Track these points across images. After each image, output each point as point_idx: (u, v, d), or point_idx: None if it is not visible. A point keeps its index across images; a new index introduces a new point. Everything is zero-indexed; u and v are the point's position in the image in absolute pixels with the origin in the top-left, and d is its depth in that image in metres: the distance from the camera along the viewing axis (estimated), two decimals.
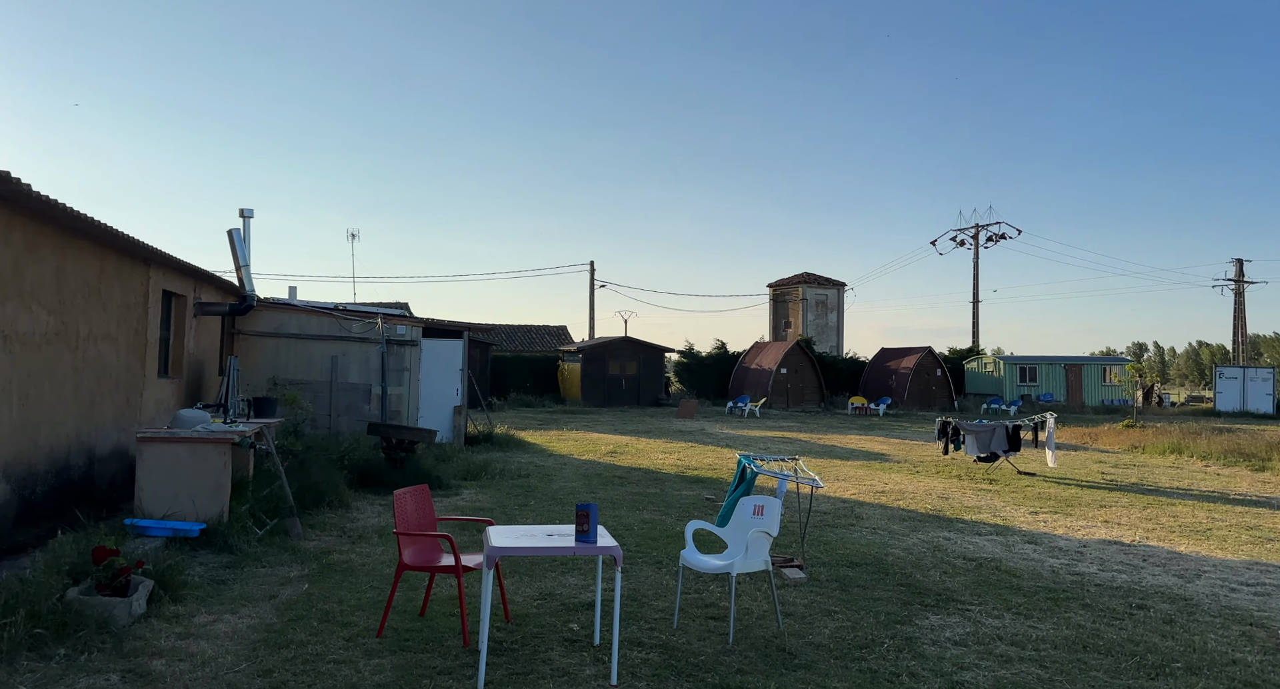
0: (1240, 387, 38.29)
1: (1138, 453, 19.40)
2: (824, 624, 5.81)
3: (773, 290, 51.41)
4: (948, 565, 7.70)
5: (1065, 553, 8.42)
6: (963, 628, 5.76)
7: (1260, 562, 8.18)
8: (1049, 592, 6.78)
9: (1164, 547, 8.86)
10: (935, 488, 13.06)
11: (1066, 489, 13.17)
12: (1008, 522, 10.21)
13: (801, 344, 38.09)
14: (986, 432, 15.62)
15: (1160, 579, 7.35)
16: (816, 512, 10.17)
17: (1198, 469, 16.43)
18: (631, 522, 9.60)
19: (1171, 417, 33.60)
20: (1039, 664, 5.05)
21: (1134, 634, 5.66)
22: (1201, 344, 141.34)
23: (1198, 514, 10.96)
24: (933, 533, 9.32)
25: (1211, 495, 12.74)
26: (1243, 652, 5.34)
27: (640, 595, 6.44)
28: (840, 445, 20.15)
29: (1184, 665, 5.04)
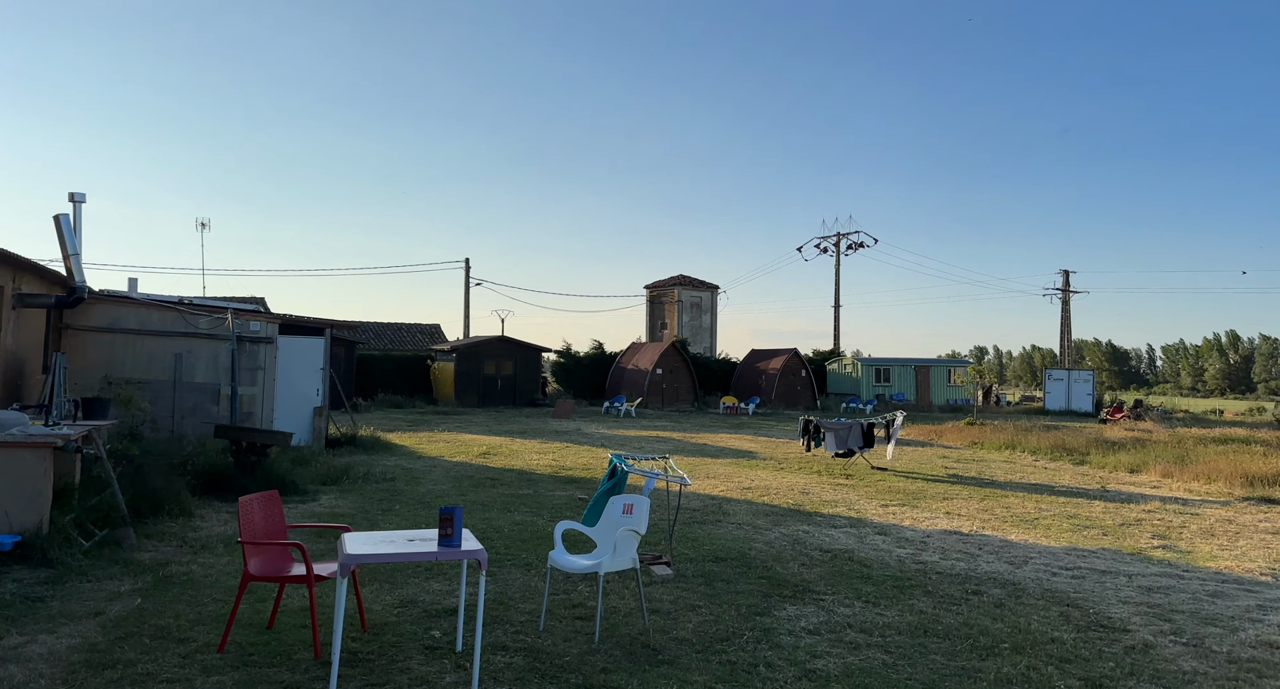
0: (1066, 387, 42.27)
1: (977, 449, 21.00)
2: (688, 619, 5.93)
3: (650, 292, 52.12)
4: (806, 558, 8.05)
5: (911, 543, 9.00)
6: (817, 617, 6.04)
7: (1078, 547, 9.04)
8: (895, 580, 7.22)
9: (997, 536, 9.63)
10: (798, 483, 13.63)
11: (914, 483, 14.08)
12: (861, 514, 10.79)
13: (677, 345, 38.81)
14: (844, 429, 16.47)
15: (993, 566, 7.97)
16: (686, 509, 10.37)
17: (1028, 463, 17.98)
18: (502, 524, 9.45)
19: (1007, 415, 36.63)
20: (884, 650, 5.36)
21: (969, 618, 6.12)
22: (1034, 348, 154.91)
23: (1027, 505, 11.98)
24: (794, 527, 9.72)
25: (1039, 487, 13.98)
26: (1060, 631, 5.87)
27: (507, 599, 6.34)
28: (711, 444, 20.67)
29: (1010, 646, 5.50)
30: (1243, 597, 6.96)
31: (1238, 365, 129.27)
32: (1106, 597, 6.84)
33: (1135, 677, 4.94)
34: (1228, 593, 7.08)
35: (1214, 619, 6.22)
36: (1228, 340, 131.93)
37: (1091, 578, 7.54)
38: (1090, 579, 7.49)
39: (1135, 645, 5.54)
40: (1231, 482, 14.10)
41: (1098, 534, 9.81)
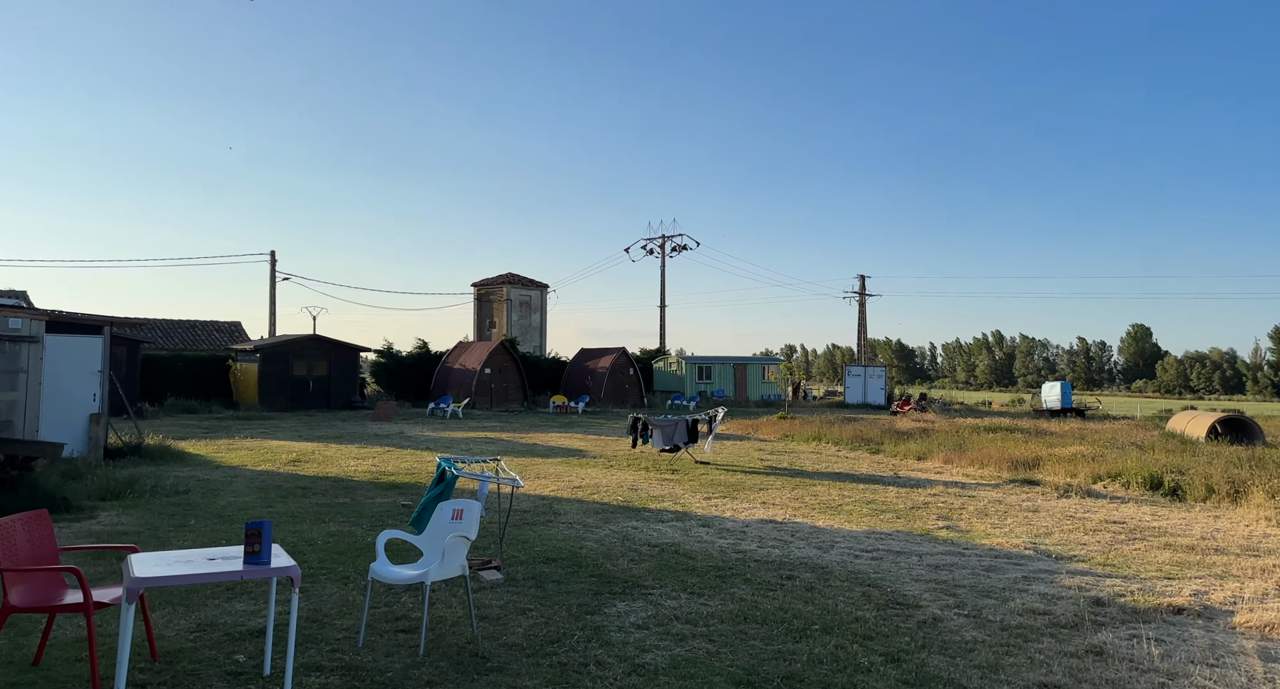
0: (863, 382, 46.14)
1: (789, 440, 22.41)
2: (519, 623, 5.85)
3: (477, 290, 51.00)
4: (635, 553, 8.20)
5: (732, 533, 9.43)
6: (645, 612, 6.17)
7: (876, 530, 9.87)
8: (718, 570, 7.53)
9: (808, 522, 10.31)
10: (626, 480, 13.88)
11: (734, 475, 14.78)
12: (686, 508, 11.17)
13: (506, 344, 38.26)
14: (670, 426, 16.98)
15: (804, 551, 8.53)
16: (517, 510, 10.24)
17: (833, 453, 19.42)
18: (315, 536, 8.85)
19: (813, 409, 39.40)
20: (708, 639, 5.57)
21: (784, 603, 6.50)
22: (835, 346, 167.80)
23: (832, 492, 12.93)
24: (623, 523, 9.88)
25: (842, 475, 15.14)
26: (863, 610, 6.38)
27: (322, 616, 5.94)
28: (542, 443, 20.56)
29: (821, 627, 5.90)
30: (1011, 569, 7.91)
31: (1002, 361, 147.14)
32: (901, 575, 7.52)
33: (927, 649, 5.47)
34: (1000, 567, 8.01)
35: (989, 591, 7.02)
36: (994, 339, 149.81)
37: (888, 559, 8.26)
38: (887, 560, 8.20)
39: (926, 620, 6.13)
40: (1000, 466, 16.00)
41: (892, 517, 10.77)
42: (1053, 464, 15.67)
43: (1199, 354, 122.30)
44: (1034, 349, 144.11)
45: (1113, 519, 10.85)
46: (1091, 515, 11.13)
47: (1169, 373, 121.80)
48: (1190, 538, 9.60)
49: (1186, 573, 7.84)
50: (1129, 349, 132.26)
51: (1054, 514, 11.22)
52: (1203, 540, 9.46)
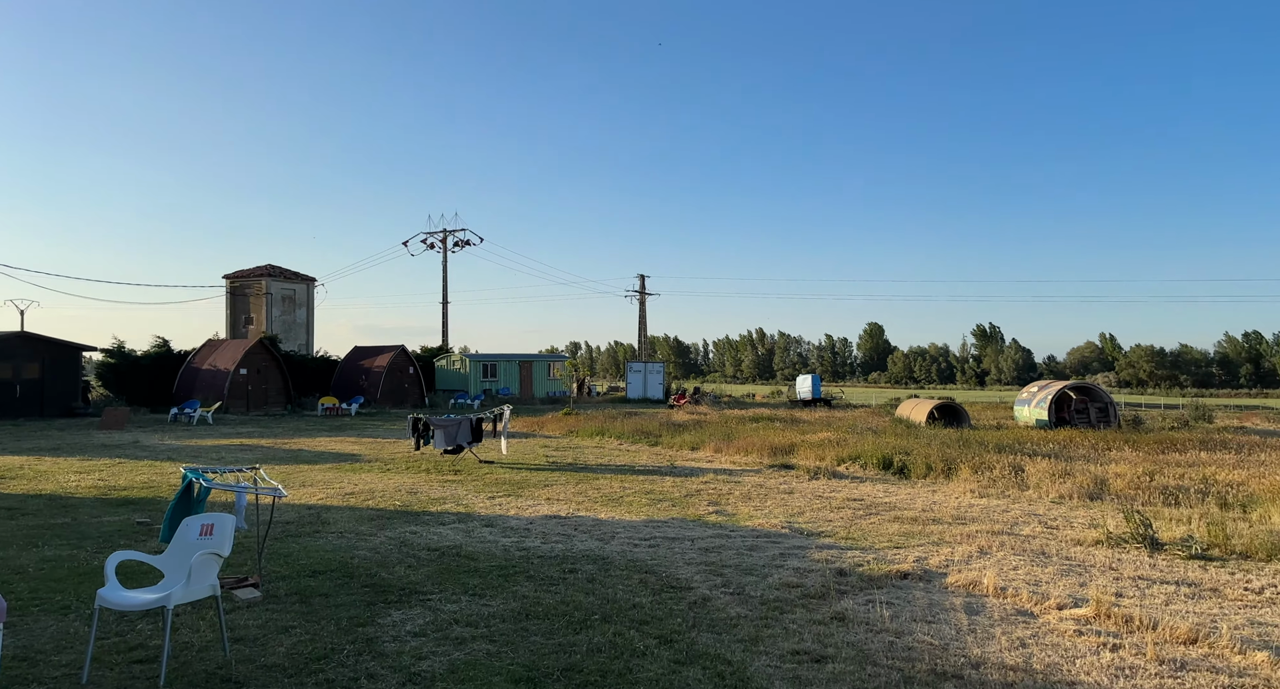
0: (643, 378, 47.99)
1: (573, 436, 22.76)
2: (279, 642, 5.41)
3: (231, 282, 46.29)
4: (413, 559, 7.91)
5: (516, 531, 9.40)
6: (423, 618, 5.97)
7: (654, 519, 10.32)
8: (501, 569, 7.48)
9: (590, 515, 10.54)
10: (405, 484, 13.33)
11: (518, 473, 14.74)
12: (469, 509, 10.96)
13: (265, 342, 35.10)
14: (453, 425, 16.56)
15: (587, 544, 8.71)
16: (279, 522, 9.46)
17: (615, 447, 20.01)
18: (25, 563, 7.59)
19: (597, 405, 40.33)
20: (489, 639, 5.52)
21: (566, 596, 6.60)
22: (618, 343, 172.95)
23: (614, 485, 13.33)
24: (401, 529, 9.48)
25: (624, 468, 15.64)
26: (640, 596, 6.65)
27: (35, 653, 5.12)
28: (309, 449, 19.14)
29: (600, 616, 6.06)
30: (770, 547, 8.62)
31: (764, 356, 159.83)
32: (675, 560, 7.93)
33: (697, 628, 5.82)
34: (761, 546, 8.71)
35: (751, 569, 7.60)
36: (757, 336, 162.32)
37: (664, 545, 8.67)
38: (663, 546, 8.60)
39: (697, 600, 6.52)
40: (762, 453, 17.38)
41: (668, 505, 11.31)
42: (805, 450, 17.30)
43: (920, 349, 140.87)
44: (790, 345, 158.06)
45: (853, 497, 12.19)
46: (836, 494, 12.43)
47: (898, 366, 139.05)
48: (914, 511, 11.04)
49: (911, 542, 9.01)
50: (866, 345, 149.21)
51: (806, 495, 12.39)
52: (923, 512, 10.92)
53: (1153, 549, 8.51)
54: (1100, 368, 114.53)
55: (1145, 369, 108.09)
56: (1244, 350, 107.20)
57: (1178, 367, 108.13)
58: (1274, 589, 7.06)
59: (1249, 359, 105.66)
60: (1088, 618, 6.08)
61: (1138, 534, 8.74)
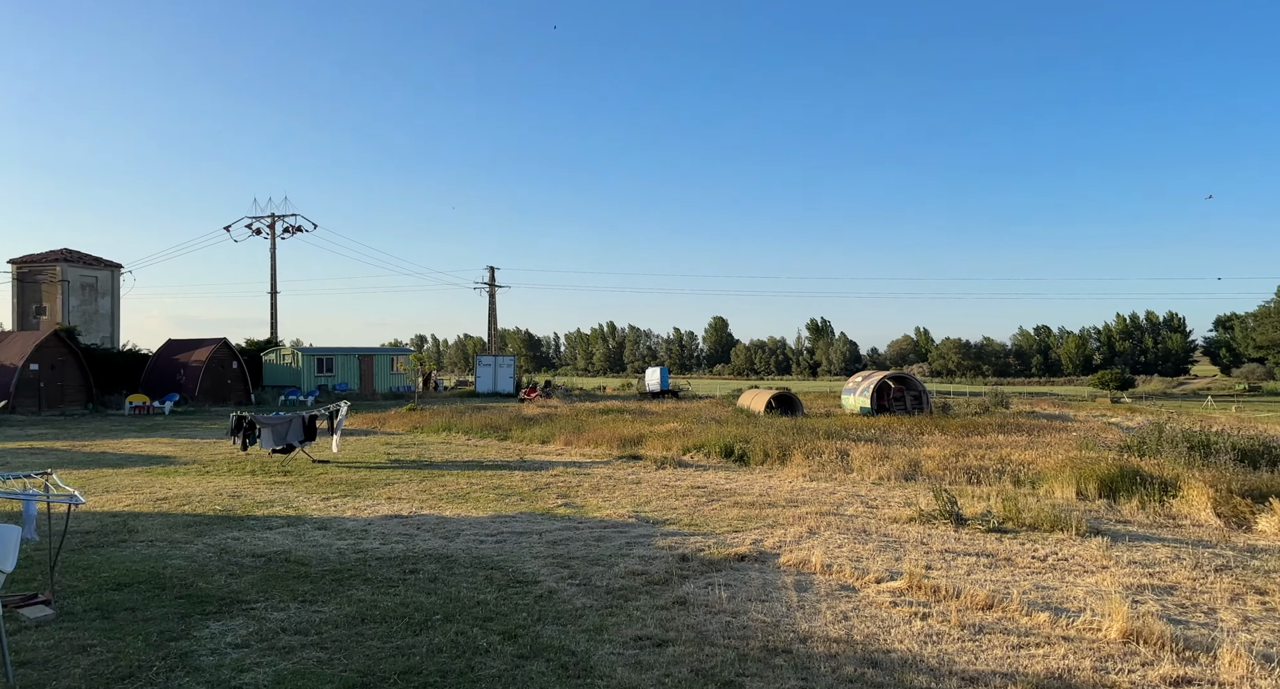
0: (493, 372, 47.19)
1: (418, 433, 22.01)
2: (76, 663, 4.87)
3: (18, 268, 40.92)
4: (235, 566, 7.36)
5: (352, 533, 8.97)
6: (246, 628, 5.58)
7: (502, 514, 10.18)
8: (335, 573, 7.11)
9: (434, 513, 10.24)
10: (227, 487, 12.37)
11: (357, 472, 14.06)
12: (300, 511, 10.33)
13: (62, 334, 31.37)
14: (283, 423, 15.54)
15: (430, 543, 8.46)
16: (79, 531, 8.50)
17: (462, 442, 19.55)
18: None
19: (444, 399, 39.24)
20: (320, 647, 5.23)
21: (406, 597, 6.38)
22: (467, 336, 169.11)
23: (460, 481, 13.02)
24: (221, 535, 8.79)
25: (471, 464, 15.32)
26: (485, 593, 6.54)
27: None
28: (114, 451, 17.32)
29: (443, 616, 5.91)
30: (617, 537, 8.75)
31: (615, 349, 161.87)
32: (523, 555, 7.87)
33: (542, 621, 5.80)
34: (608, 536, 8.81)
35: (598, 560, 7.68)
36: (608, 330, 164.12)
37: (512, 540, 8.58)
38: (510, 541, 8.51)
39: (543, 593, 6.51)
40: (611, 445, 17.59)
41: (517, 500, 11.21)
42: (653, 440, 17.68)
43: (761, 342, 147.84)
44: (641, 338, 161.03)
45: (697, 485, 12.61)
46: (681, 483, 12.81)
47: (740, 358, 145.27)
48: (752, 496, 11.58)
49: (749, 525, 9.44)
50: (711, 338, 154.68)
51: (653, 484, 12.68)
52: (760, 497, 11.47)
53: (958, 524, 9.39)
54: (916, 359, 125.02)
55: (954, 360, 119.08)
56: (1035, 343, 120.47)
57: (981, 357, 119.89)
58: (1055, 556, 7.99)
59: (1039, 350, 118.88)
60: (902, 590, 6.62)
61: (945, 511, 9.62)
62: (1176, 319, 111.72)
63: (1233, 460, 11.98)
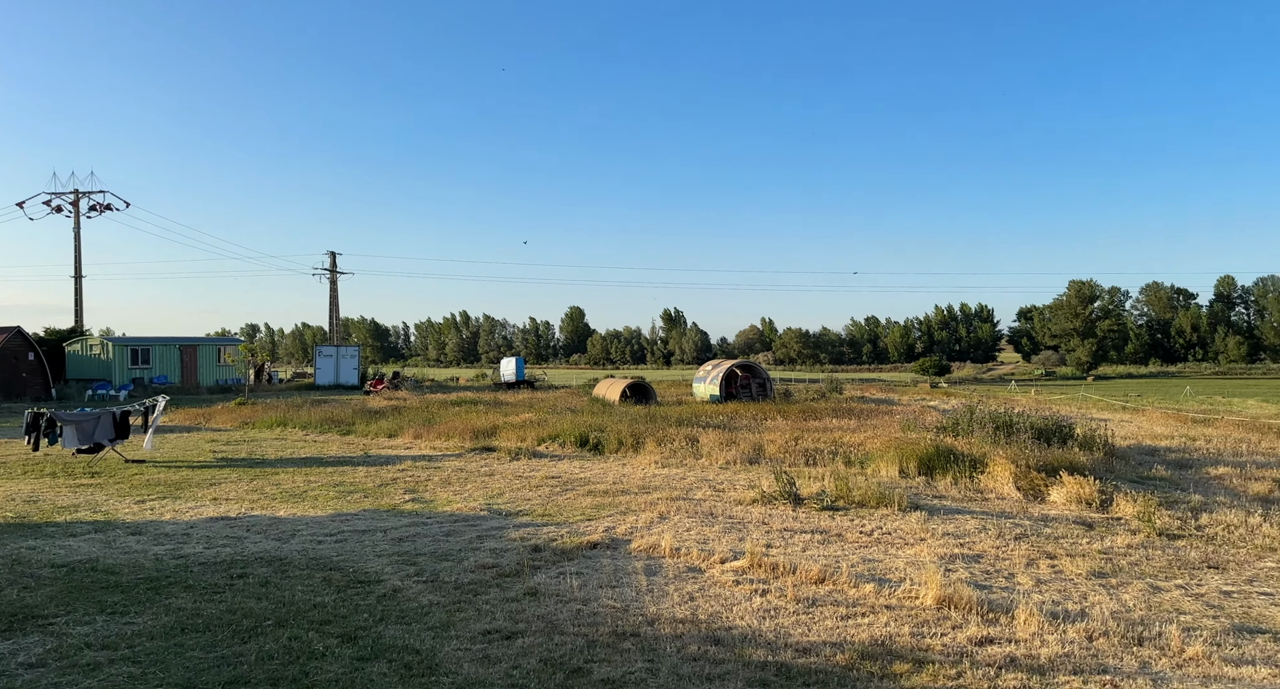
0: (335, 363, 44.81)
1: (249, 428, 20.54)
2: None
3: None
4: (30, 578, 6.58)
5: (171, 538, 8.25)
6: (43, 646, 5.00)
7: (342, 513, 9.71)
8: (150, 582, 6.52)
9: (266, 514, 9.61)
10: (21, 491, 11.02)
11: (178, 472, 12.94)
12: (110, 516, 9.38)
13: None
14: (90, 420, 14.03)
15: (261, 545, 7.93)
16: None
17: (299, 438, 18.44)
18: None
19: (280, 392, 36.87)
20: (133, 661, 4.78)
21: (233, 604, 5.94)
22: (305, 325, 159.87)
23: (297, 479, 12.29)
24: (13, 545, 7.82)
25: (309, 460, 14.49)
26: (323, 595, 6.21)
27: None
28: None
29: (274, 621, 5.56)
30: (468, 531, 8.57)
31: (469, 339, 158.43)
32: (365, 554, 7.54)
33: (385, 621, 5.59)
34: (458, 530, 8.61)
35: (447, 555, 7.49)
36: (461, 319, 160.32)
37: (353, 539, 8.20)
38: (352, 540, 8.13)
39: (386, 593, 6.27)
40: (464, 437, 17.19)
41: (360, 497, 10.72)
42: (507, 431, 17.46)
43: (616, 332, 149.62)
44: (495, 328, 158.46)
45: (552, 475, 12.59)
46: (536, 473, 12.74)
47: (596, 348, 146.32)
48: (606, 484, 11.70)
49: (602, 513, 9.53)
50: (568, 328, 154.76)
51: (506, 476, 12.52)
52: (614, 485, 11.61)
53: (796, 504, 9.94)
54: (761, 348, 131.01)
55: (795, 349, 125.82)
56: (865, 332, 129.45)
57: (819, 346, 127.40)
58: (880, 530, 8.63)
59: (869, 339, 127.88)
60: (744, 569, 6.92)
61: (785, 492, 10.15)
62: (986, 310, 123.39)
63: (1030, 439, 13.41)
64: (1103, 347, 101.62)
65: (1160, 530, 8.43)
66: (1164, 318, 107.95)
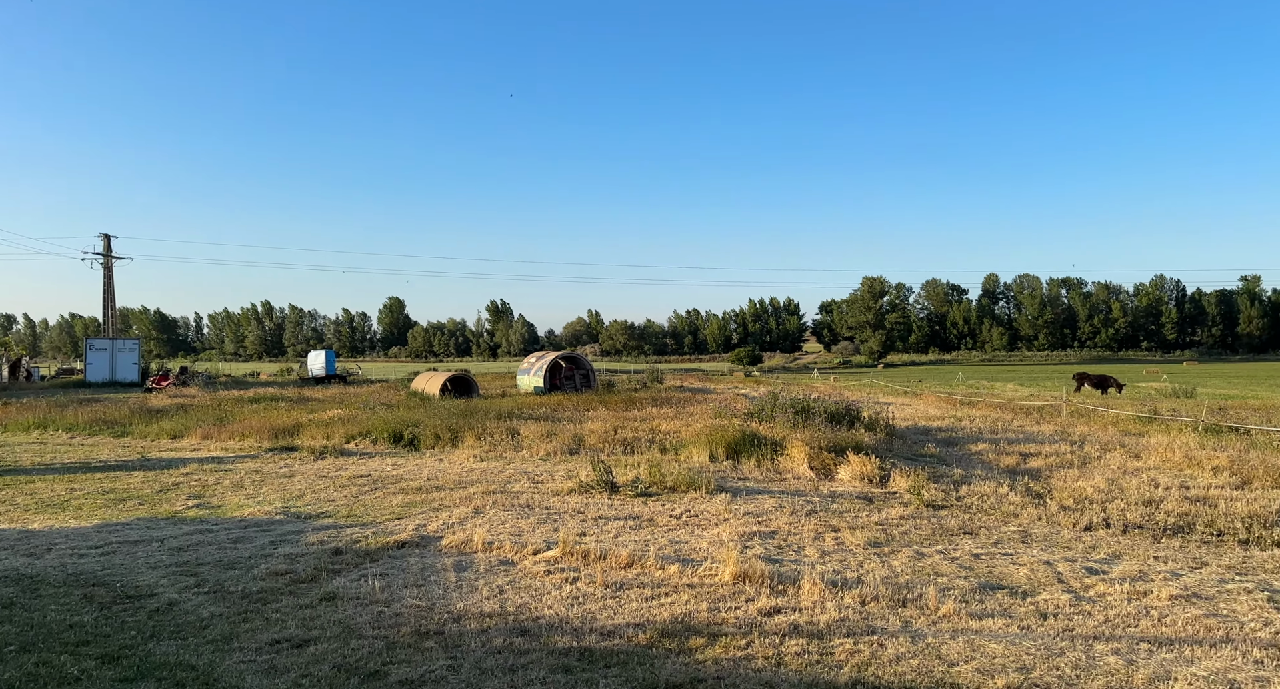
0: (110, 358, 40.01)
1: (1, 432, 17.91)
2: None
3: None
4: None
5: None
6: None
7: (111, 522, 8.70)
8: None
9: (16, 527, 8.42)
10: None
11: None
12: None
13: None
14: None
15: (7, 563, 6.94)
16: None
17: (64, 441, 16.33)
18: None
19: (41, 391, 32.41)
20: None
21: None
22: (75, 316, 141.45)
23: (57, 487, 10.87)
24: None
25: (74, 467, 12.86)
26: (82, 614, 5.54)
27: None
28: None
29: (19, 646, 4.89)
30: (260, 537, 7.97)
31: (272, 331, 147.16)
32: (137, 566, 6.81)
33: (157, 637, 5.08)
34: (249, 537, 7.99)
35: (234, 563, 6.93)
36: (264, 310, 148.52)
37: (123, 551, 7.38)
38: (122, 552, 7.32)
39: (160, 607, 5.70)
40: (261, 436, 15.97)
41: (135, 504, 9.67)
42: (312, 429, 16.43)
43: (440, 324, 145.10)
44: (304, 319, 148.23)
45: (360, 473, 12.00)
46: (342, 473, 12.09)
47: (418, 340, 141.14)
48: (420, 480, 11.33)
49: (413, 511, 9.22)
50: (386, 319, 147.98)
51: (309, 477, 11.78)
52: (429, 481, 11.27)
53: (612, 492, 10.15)
54: (589, 339, 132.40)
55: (621, 340, 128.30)
56: (687, 324, 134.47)
57: (644, 338, 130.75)
58: (689, 513, 9.01)
59: (690, 331, 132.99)
60: (556, 558, 6.97)
61: (602, 481, 10.34)
62: (793, 304, 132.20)
63: (824, 422, 14.55)
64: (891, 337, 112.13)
65: (928, 502, 9.45)
66: (941, 311, 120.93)
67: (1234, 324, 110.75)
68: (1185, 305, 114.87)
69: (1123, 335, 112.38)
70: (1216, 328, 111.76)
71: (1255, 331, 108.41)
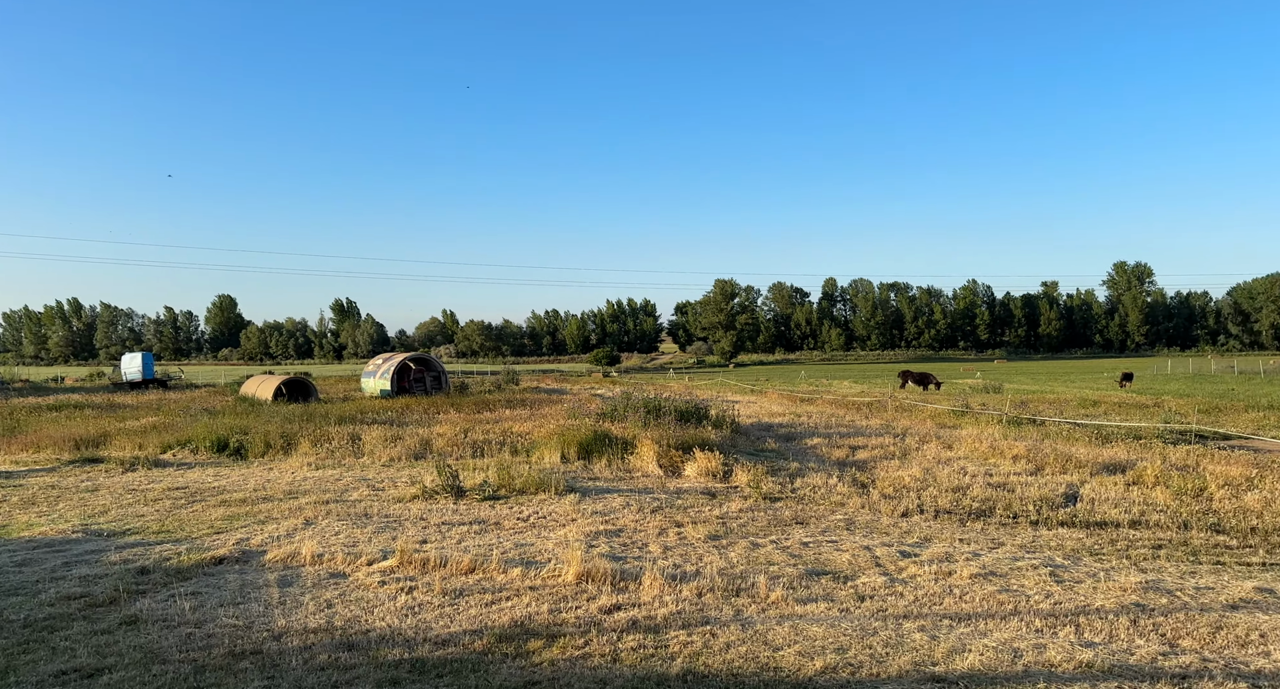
0: None
1: None
2: None
3: None
4: None
5: None
6: None
7: None
8: None
9: None
10: None
11: None
12: None
13: None
14: None
15: None
16: None
17: None
18: None
19: None
20: None
21: None
22: None
23: None
24: None
25: None
26: None
27: None
28: None
29: None
30: (52, 559, 7.14)
31: (81, 332, 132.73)
32: None
33: None
34: (38, 559, 7.13)
35: (18, 589, 6.16)
36: (71, 308, 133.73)
37: None
38: None
39: None
40: (60, 447, 14.33)
41: None
42: (122, 439, 14.95)
43: (277, 324, 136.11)
44: (118, 319, 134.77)
45: (176, 486, 11.02)
46: (155, 485, 11.05)
47: (252, 341, 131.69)
48: (245, 492, 10.55)
49: (235, 525, 8.56)
50: (216, 319, 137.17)
51: (115, 490, 10.69)
52: (255, 492, 10.52)
53: (458, 496, 9.88)
54: (443, 340, 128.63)
55: (477, 341, 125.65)
56: (546, 325, 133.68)
57: (501, 338, 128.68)
58: (537, 515, 8.92)
59: (549, 331, 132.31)
60: (392, 568, 6.69)
61: (448, 485, 10.04)
62: (650, 305, 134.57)
63: (674, 420, 14.88)
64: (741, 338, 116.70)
65: (765, 494, 9.88)
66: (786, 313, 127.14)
67: (1036, 325, 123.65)
68: (996, 308, 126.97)
69: (943, 336, 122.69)
70: (1022, 329, 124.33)
71: (1053, 332, 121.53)
